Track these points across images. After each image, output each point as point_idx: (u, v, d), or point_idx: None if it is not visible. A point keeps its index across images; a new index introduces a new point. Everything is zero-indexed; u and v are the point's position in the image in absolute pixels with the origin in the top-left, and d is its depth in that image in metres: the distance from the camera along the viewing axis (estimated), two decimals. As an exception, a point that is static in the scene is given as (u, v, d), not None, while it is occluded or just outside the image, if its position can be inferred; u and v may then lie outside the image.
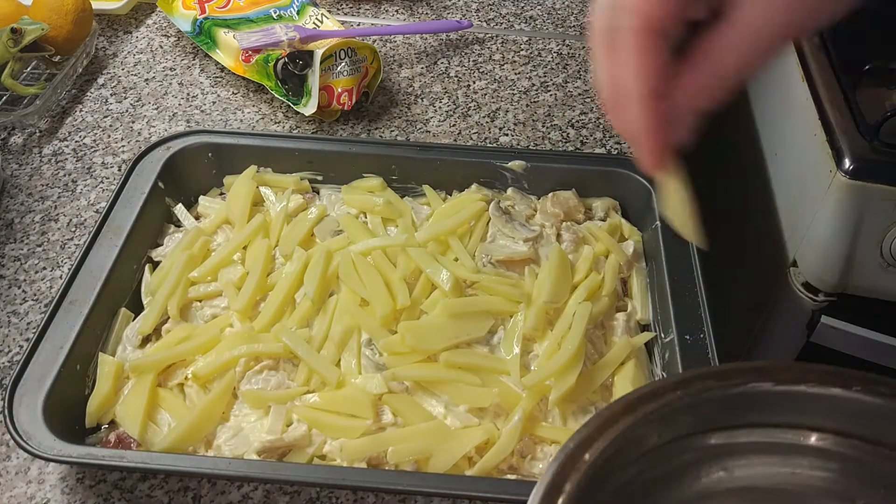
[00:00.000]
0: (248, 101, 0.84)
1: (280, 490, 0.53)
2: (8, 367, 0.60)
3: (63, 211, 0.72)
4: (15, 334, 0.63)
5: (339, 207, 0.70)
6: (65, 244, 0.70)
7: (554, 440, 0.54)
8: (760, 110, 1.06)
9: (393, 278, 0.61)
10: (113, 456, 0.51)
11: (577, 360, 0.56)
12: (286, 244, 0.65)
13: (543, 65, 0.88)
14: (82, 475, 0.54)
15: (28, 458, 0.55)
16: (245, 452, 0.54)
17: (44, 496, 0.53)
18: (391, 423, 0.55)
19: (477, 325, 0.59)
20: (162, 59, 0.90)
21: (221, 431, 0.55)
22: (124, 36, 0.93)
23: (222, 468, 0.50)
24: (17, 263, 0.68)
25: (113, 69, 0.88)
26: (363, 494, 0.53)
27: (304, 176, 0.71)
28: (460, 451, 0.53)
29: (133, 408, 0.55)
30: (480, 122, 0.81)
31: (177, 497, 0.53)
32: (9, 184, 0.75)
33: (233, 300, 0.61)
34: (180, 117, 0.82)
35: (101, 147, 0.79)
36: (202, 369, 0.57)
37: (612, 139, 0.79)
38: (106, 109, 0.83)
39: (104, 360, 0.57)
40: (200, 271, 0.64)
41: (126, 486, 0.54)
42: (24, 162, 0.77)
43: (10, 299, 0.65)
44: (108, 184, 0.75)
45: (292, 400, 0.55)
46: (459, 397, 0.56)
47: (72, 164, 0.77)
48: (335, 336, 0.58)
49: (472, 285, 0.62)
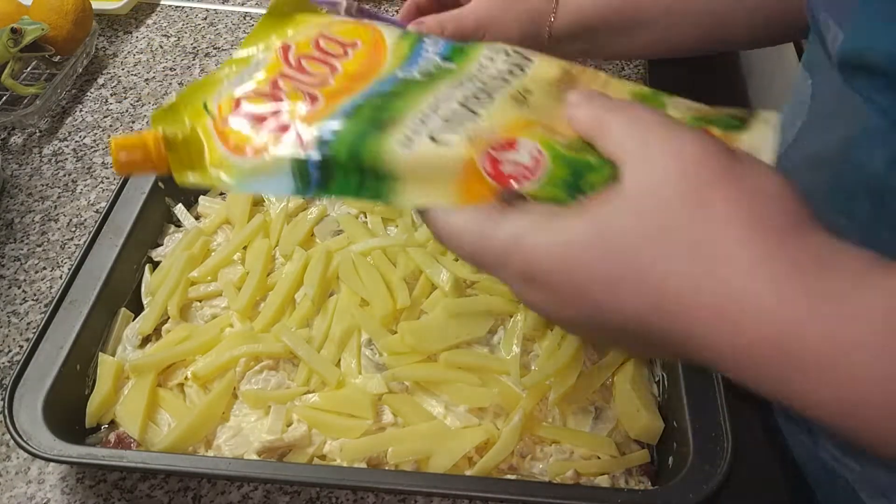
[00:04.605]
0: (248, 101, 0.84)
1: (280, 490, 0.53)
2: (8, 367, 0.60)
3: (63, 211, 0.72)
4: (15, 334, 0.63)
5: (338, 207, 0.70)
6: (65, 244, 0.70)
7: (554, 440, 0.54)
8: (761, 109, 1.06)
9: (393, 278, 0.61)
10: (113, 456, 0.51)
11: (577, 360, 0.56)
12: (286, 244, 0.65)
13: (543, 65, 0.88)
14: (82, 475, 0.54)
15: (28, 458, 0.55)
16: (245, 452, 0.54)
17: (44, 496, 0.53)
18: (391, 423, 0.55)
19: (477, 325, 0.59)
20: (162, 59, 0.90)
21: (221, 431, 0.55)
22: (124, 36, 0.93)
23: (222, 468, 0.50)
24: (17, 263, 0.68)
25: (113, 69, 0.88)
26: (363, 494, 0.53)
27: (304, 176, 0.71)
28: (460, 451, 0.53)
29: (133, 408, 0.55)
30: (480, 122, 0.81)
31: (177, 497, 0.53)
32: (9, 184, 0.75)
33: (233, 300, 0.61)
34: (180, 117, 0.82)
35: (101, 147, 0.79)
36: (202, 369, 0.57)
37: (612, 139, 0.79)
38: (106, 109, 0.83)
39: (104, 360, 0.57)
40: (200, 271, 0.64)
41: (126, 486, 0.54)
42: (24, 162, 0.77)
43: (10, 299, 0.65)
44: (108, 184, 0.75)
45: (292, 400, 0.55)
46: (459, 397, 0.55)
47: (72, 164, 0.77)
48: (335, 336, 0.58)
49: (472, 285, 0.62)
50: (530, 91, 0.37)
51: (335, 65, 0.40)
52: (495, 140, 0.34)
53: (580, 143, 0.33)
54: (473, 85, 0.37)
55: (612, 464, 0.53)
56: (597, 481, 0.52)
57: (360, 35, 0.42)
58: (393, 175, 0.34)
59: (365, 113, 0.36)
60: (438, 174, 0.34)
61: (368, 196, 0.35)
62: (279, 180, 0.36)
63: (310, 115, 0.37)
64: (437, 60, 0.40)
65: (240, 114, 0.38)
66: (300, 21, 0.44)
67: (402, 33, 0.42)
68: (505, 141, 0.34)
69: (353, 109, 0.36)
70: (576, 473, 0.52)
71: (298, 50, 0.41)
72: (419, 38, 0.42)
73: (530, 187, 0.32)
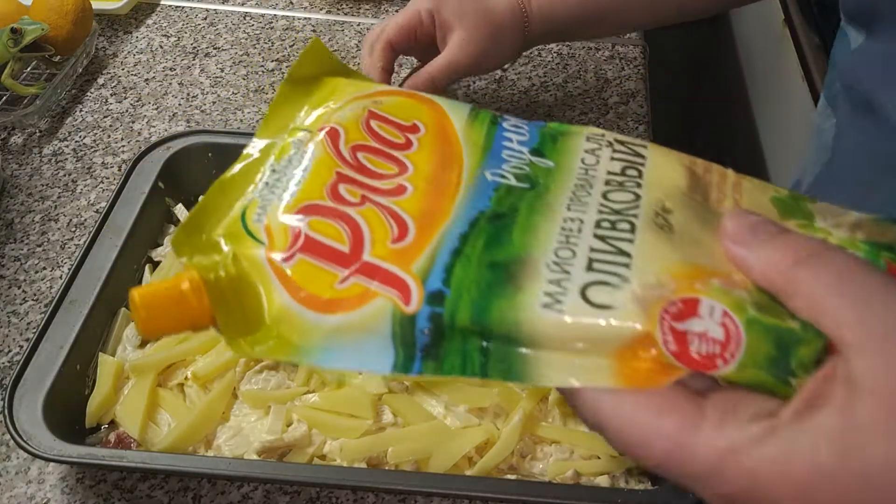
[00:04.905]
0: (248, 101, 0.84)
1: (280, 490, 0.53)
2: (8, 367, 0.60)
3: (63, 211, 0.72)
4: (15, 334, 0.63)
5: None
6: (65, 244, 0.70)
7: (554, 440, 0.54)
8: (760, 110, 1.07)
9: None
10: (113, 456, 0.51)
11: (577, 360, 0.56)
12: (286, 244, 0.65)
13: (543, 65, 0.88)
14: (82, 475, 0.54)
15: (28, 458, 0.55)
16: (245, 452, 0.54)
17: (44, 496, 0.53)
18: (391, 423, 0.55)
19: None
20: (162, 59, 0.90)
21: (221, 431, 0.55)
22: (124, 36, 0.93)
23: (222, 468, 0.50)
24: (17, 263, 0.68)
25: (113, 69, 0.88)
26: (363, 494, 0.53)
27: (304, 176, 0.71)
28: (460, 451, 0.53)
29: (133, 408, 0.55)
30: (480, 122, 0.81)
31: (177, 497, 0.53)
32: (9, 184, 0.75)
33: (233, 300, 0.61)
34: (180, 117, 0.82)
35: (101, 147, 0.79)
36: (202, 369, 0.57)
37: (612, 139, 0.79)
38: (106, 109, 0.83)
39: (104, 360, 0.57)
40: (200, 271, 0.64)
41: (126, 486, 0.54)
42: (24, 162, 0.77)
43: (10, 299, 0.65)
44: (108, 184, 0.75)
45: (292, 400, 0.55)
46: (459, 397, 0.55)
47: (72, 164, 0.77)
48: (335, 336, 0.58)
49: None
50: (668, 210, 0.29)
51: (403, 161, 0.31)
52: (670, 301, 0.26)
53: (763, 293, 0.26)
54: (594, 199, 0.29)
55: (612, 464, 0.53)
56: (597, 481, 0.52)
57: (417, 113, 0.34)
58: (531, 342, 0.26)
59: (477, 249, 0.28)
60: (594, 345, 0.26)
61: (496, 372, 0.27)
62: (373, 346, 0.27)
63: (403, 252, 0.28)
64: (528, 156, 0.32)
65: (302, 244, 0.29)
66: (331, 87, 0.35)
67: (468, 111, 0.34)
68: (682, 303, 0.26)
69: (459, 242, 0.28)
70: (576, 473, 0.52)
71: (349, 136, 0.32)
72: (492, 119, 0.34)
73: (727, 371, 0.25)
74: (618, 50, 0.90)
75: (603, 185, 0.30)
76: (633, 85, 0.86)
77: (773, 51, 1.00)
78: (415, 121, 0.33)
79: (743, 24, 1.19)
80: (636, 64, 0.89)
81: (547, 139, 0.33)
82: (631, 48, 0.91)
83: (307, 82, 0.35)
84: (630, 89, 0.85)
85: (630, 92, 0.85)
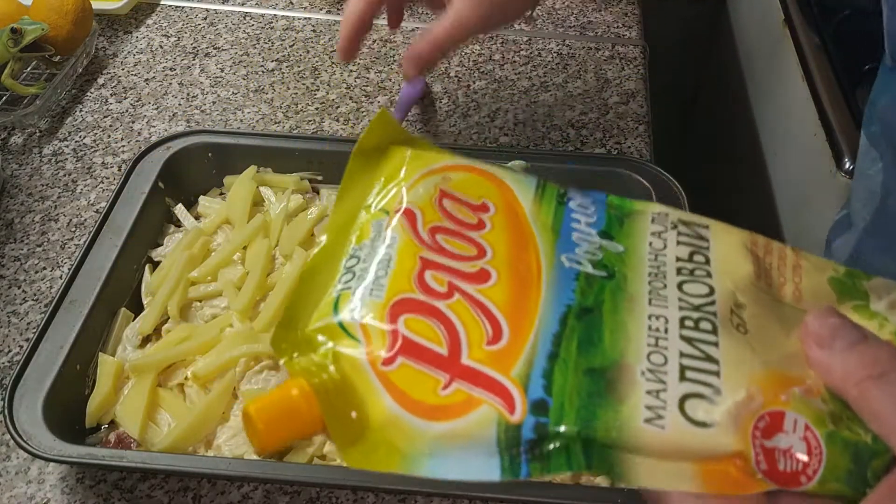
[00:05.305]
0: (248, 101, 0.84)
1: (280, 490, 0.53)
2: (8, 367, 0.60)
3: (63, 211, 0.72)
4: (15, 334, 0.63)
5: (339, 207, 0.69)
6: (65, 244, 0.70)
7: (554, 440, 0.54)
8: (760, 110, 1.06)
9: (393, 278, 0.61)
10: (113, 456, 0.51)
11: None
12: (286, 244, 0.65)
13: (543, 65, 0.88)
14: (82, 475, 0.54)
15: (28, 458, 0.55)
16: (245, 452, 0.54)
17: (44, 496, 0.53)
18: (391, 423, 0.55)
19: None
20: (162, 59, 0.90)
21: (221, 431, 0.55)
22: (124, 36, 0.93)
23: (222, 468, 0.50)
24: (17, 263, 0.68)
25: (113, 69, 0.88)
26: (363, 494, 0.53)
27: (304, 176, 0.71)
28: (460, 451, 0.53)
29: (133, 408, 0.55)
30: (480, 123, 0.81)
31: (177, 497, 0.53)
32: (9, 184, 0.75)
33: (233, 300, 0.61)
34: (180, 117, 0.82)
35: (101, 147, 0.79)
36: (202, 369, 0.57)
37: (612, 139, 0.79)
38: (106, 109, 0.83)
39: (104, 360, 0.57)
40: (200, 271, 0.64)
41: (126, 486, 0.54)
42: (24, 162, 0.77)
43: (10, 299, 0.65)
44: (108, 184, 0.75)
45: (292, 400, 0.55)
46: (459, 397, 0.55)
47: (72, 164, 0.77)
48: (335, 336, 0.58)
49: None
50: (741, 305, 0.29)
51: (480, 243, 0.31)
52: (759, 416, 0.26)
53: (838, 400, 0.27)
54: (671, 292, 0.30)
55: (612, 464, 0.53)
56: (597, 481, 0.52)
57: (485, 191, 0.33)
58: (632, 450, 0.27)
59: (572, 353, 0.28)
60: (688, 456, 0.27)
61: (600, 469, 0.27)
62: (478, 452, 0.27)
63: (501, 356, 0.28)
64: (598, 239, 0.31)
65: (401, 346, 0.28)
66: (399, 159, 0.34)
67: (535, 187, 0.33)
68: (770, 416, 0.26)
69: (553, 345, 0.28)
70: (576, 473, 0.52)
71: (426, 217, 0.32)
72: (559, 198, 0.33)
73: (808, 487, 0.26)
74: (618, 50, 0.90)
75: (675, 275, 0.30)
76: (633, 85, 0.86)
77: (773, 51, 1.00)
78: (483, 199, 0.33)
79: (743, 24, 1.19)
80: (636, 64, 0.89)
81: (614, 221, 0.32)
82: (631, 48, 0.91)
83: (375, 153, 0.35)
84: (630, 89, 0.85)
85: (630, 92, 0.85)
